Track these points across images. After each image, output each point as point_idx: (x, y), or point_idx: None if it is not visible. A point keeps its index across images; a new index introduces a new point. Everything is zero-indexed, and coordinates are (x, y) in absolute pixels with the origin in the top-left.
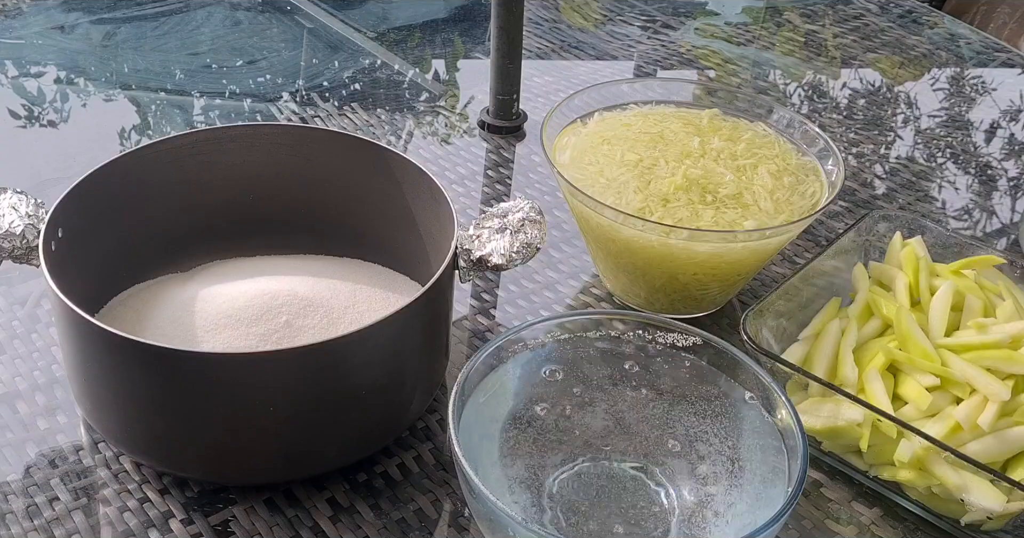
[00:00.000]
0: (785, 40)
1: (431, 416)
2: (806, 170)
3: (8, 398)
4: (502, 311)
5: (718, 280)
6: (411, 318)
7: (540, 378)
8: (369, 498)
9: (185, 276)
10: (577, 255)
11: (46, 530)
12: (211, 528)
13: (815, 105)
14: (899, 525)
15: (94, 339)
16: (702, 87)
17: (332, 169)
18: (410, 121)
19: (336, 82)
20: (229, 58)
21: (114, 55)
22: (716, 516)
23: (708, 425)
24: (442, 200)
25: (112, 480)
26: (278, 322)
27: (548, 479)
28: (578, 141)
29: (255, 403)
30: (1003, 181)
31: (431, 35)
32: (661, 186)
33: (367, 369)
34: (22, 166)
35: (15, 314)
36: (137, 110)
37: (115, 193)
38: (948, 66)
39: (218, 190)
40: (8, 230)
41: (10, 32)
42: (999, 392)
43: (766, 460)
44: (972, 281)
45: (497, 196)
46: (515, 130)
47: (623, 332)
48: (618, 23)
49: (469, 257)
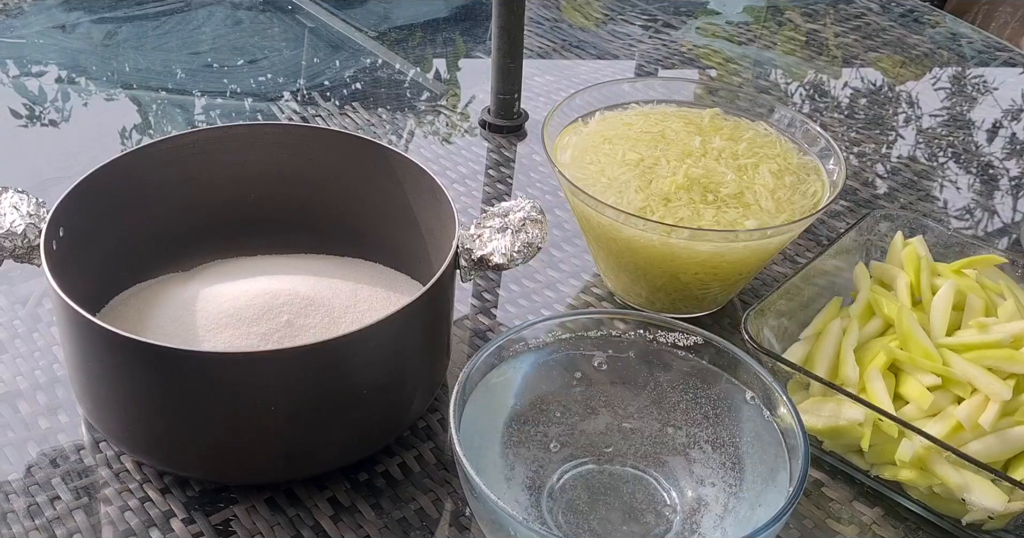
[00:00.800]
0: (786, 39)
1: (432, 415)
2: (807, 169)
3: (9, 397)
4: (503, 310)
5: (719, 280)
6: (412, 317)
7: (541, 378)
8: (370, 497)
9: (186, 275)
10: (578, 254)
11: (47, 529)
12: (212, 527)
13: (816, 104)
14: (900, 525)
15: (95, 338)
16: (703, 86)
17: (333, 168)
18: (411, 120)
19: (337, 81)
20: (230, 57)
21: (115, 54)
22: (717, 516)
23: (709, 425)
24: (443, 199)
25: (113, 479)
26: (279, 321)
27: (549, 479)
28: (579, 140)
29: (256, 402)
30: (1004, 181)
31: (432, 34)
32: (662, 185)
33: (368, 368)
34: (23, 165)
35: (16, 313)
36: (138, 109)
37: (116, 192)
38: (949, 65)
39: (219, 189)
40: (9, 229)
41: (11, 31)
42: (1000, 392)
43: (767, 460)
44: (973, 280)
45: (498, 195)
46: (516, 129)
47: (624, 331)
48: (619, 22)
49: (470, 256)
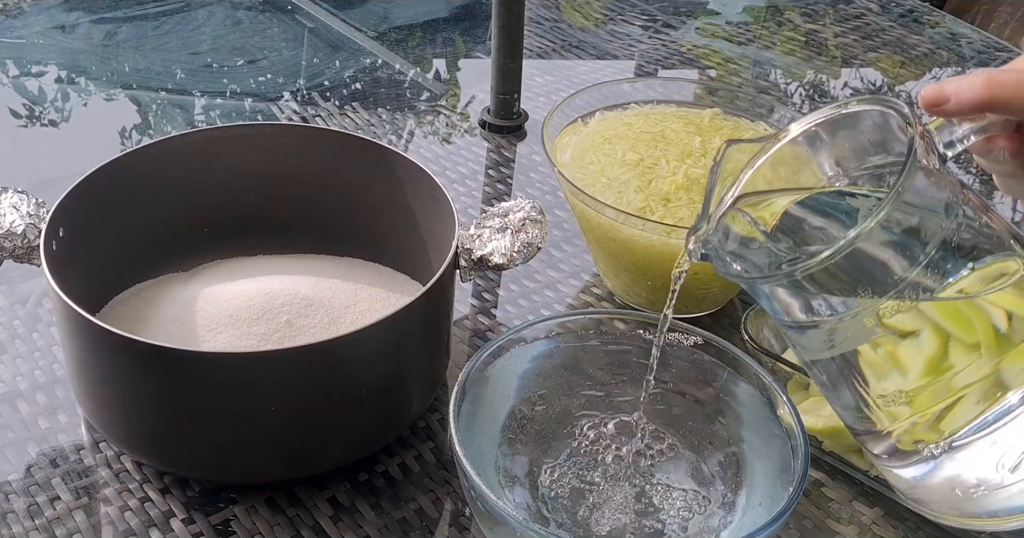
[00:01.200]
0: (786, 39)
1: (432, 415)
2: None
3: (9, 397)
4: (503, 310)
5: (719, 279)
6: (412, 317)
7: (541, 377)
8: (370, 497)
9: (186, 275)
10: (578, 254)
11: (47, 529)
12: (212, 527)
13: (816, 104)
14: (900, 525)
15: (95, 338)
16: (703, 86)
17: (333, 168)
18: (411, 120)
19: (337, 81)
20: (230, 57)
21: (115, 54)
22: (717, 515)
23: (709, 424)
24: (443, 199)
25: (113, 479)
26: (279, 321)
27: (549, 478)
28: (579, 140)
29: (256, 402)
30: None
31: (432, 34)
32: (662, 185)
33: (368, 368)
34: (23, 165)
35: (16, 313)
36: (138, 109)
37: (116, 192)
38: (949, 65)
39: (219, 189)
40: (9, 229)
41: (11, 31)
42: None
43: (767, 460)
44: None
45: (498, 195)
46: (516, 129)
47: (624, 331)
48: (619, 22)
49: (470, 256)
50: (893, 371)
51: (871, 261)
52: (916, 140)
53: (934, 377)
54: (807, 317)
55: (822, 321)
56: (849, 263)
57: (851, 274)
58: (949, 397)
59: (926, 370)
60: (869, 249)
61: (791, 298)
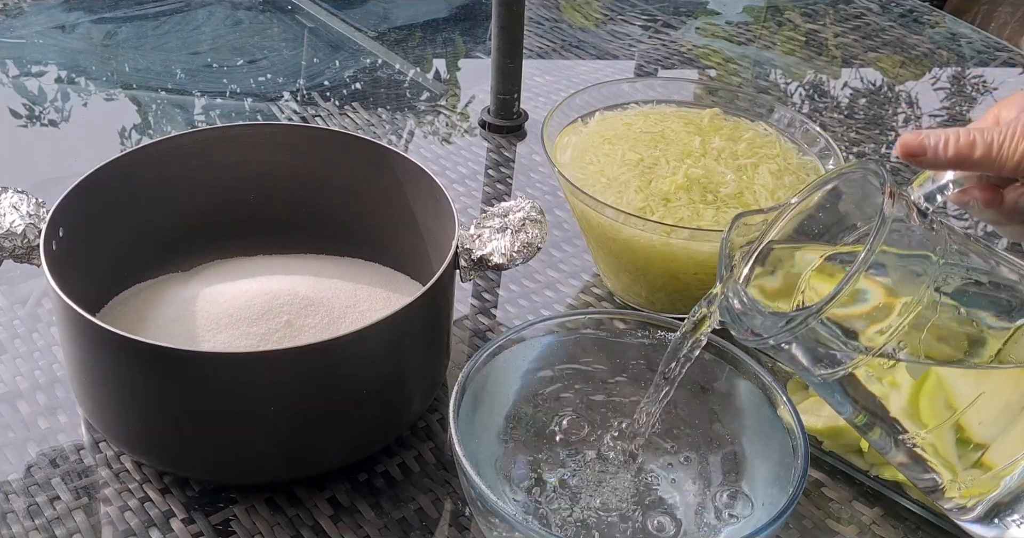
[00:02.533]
0: (786, 39)
1: (432, 415)
2: (807, 170)
3: (9, 397)
4: (503, 310)
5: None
6: (412, 317)
7: (541, 377)
8: (370, 497)
9: (186, 275)
10: (578, 254)
11: (47, 529)
12: (212, 527)
13: (816, 104)
14: (900, 524)
15: (95, 338)
16: (703, 86)
17: (333, 168)
18: (411, 120)
19: (337, 81)
20: (230, 57)
21: (115, 54)
22: (716, 515)
23: (709, 424)
24: (443, 199)
25: (113, 479)
26: (279, 322)
27: (549, 478)
28: (579, 140)
29: (256, 402)
30: None
31: (432, 34)
32: (662, 185)
33: (368, 368)
34: (23, 165)
35: (16, 313)
36: (138, 109)
37: (116, 192)
38: (949, 65)
39: (219, 189)
40: (9, 229)
41: (11, 31)
42: None
43: (767, 459)
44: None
45: (498, 195)
46: (516, 129)
47: (624, 331)
48: (619, 22)
49: (470, 256)
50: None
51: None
52: (886, 201)
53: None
54: (823, 370)
55: (833, 373)
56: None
57: (841, 328)
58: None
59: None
60: (842, 313)
61: (805, 357)
